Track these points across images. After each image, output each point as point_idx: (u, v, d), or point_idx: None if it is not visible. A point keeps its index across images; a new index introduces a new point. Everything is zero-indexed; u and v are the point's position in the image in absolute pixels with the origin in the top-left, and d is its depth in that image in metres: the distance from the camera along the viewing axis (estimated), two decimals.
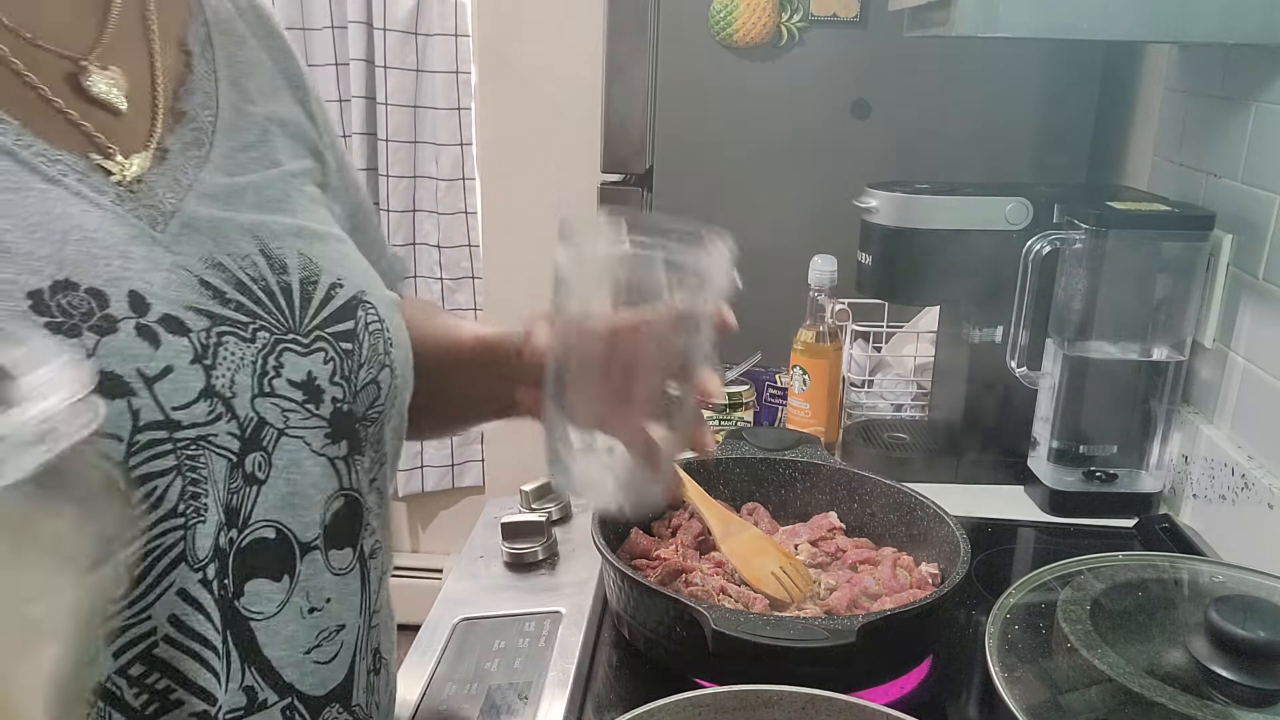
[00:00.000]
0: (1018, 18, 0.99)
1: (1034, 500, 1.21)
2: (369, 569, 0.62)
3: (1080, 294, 1.13)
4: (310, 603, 0.57)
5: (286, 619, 0.56)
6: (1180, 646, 0.69)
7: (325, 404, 0.57)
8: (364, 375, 0.60)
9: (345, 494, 0.59)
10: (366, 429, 0.61)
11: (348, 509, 0.60)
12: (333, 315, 0.59)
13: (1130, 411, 1.16)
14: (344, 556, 0.59)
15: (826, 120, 1.48)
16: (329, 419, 0.58)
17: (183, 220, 0.55)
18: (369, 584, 0.62)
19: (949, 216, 1.20)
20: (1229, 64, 1.14)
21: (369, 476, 0.62)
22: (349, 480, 0.60)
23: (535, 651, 0.86)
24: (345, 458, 0.59)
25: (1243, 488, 1.03)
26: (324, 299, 0.59)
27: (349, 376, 0.59)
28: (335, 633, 0.59)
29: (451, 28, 2.23)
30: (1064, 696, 0.69)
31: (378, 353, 0.61)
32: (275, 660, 0.55)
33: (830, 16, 1.43)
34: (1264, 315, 1.05)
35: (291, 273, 0.58)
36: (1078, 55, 1.44)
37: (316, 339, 0.58)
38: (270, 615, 0.55)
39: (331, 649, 0.59)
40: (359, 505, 0.61)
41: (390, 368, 0.62)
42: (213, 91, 0.61)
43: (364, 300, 0.61)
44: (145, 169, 0.55)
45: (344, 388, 0.59)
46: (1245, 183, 1.09)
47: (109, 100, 0.56)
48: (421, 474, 2.61)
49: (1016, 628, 0.75)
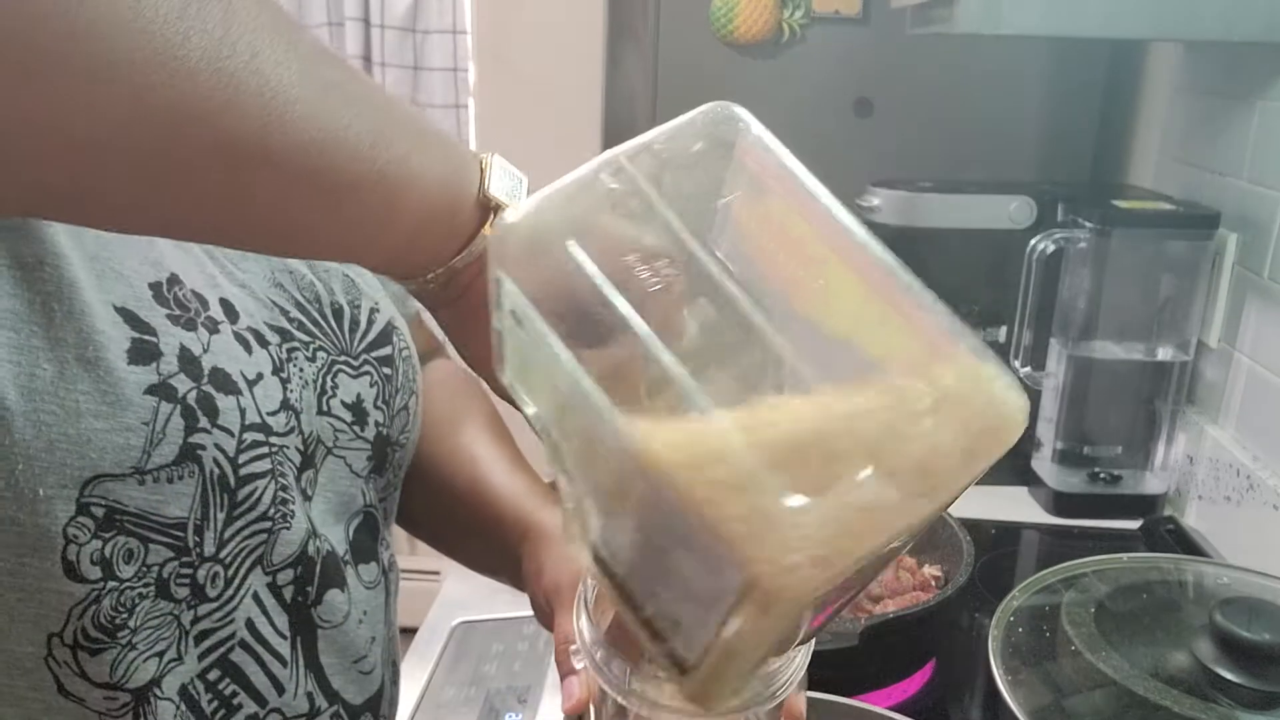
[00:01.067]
0: (1021, 15, 0.98)
1: (1038, 502, 1.20)
2: (389, 581, 0.63)
3: (1084, 293, 1.12)
4: (356, 615, 0.57)
5: (344, 630, 0.56)
6: (1185, 649, 0.68)
7: (369, 426, 0.58)
8: (399, 401, 0.60)
9: (365, 511, 0.59)
10: (395, 454, 0.61)
11: (366, 525, 0.60)
12: (376, 340, 0.59)
13: (1135, 412, 1.15)
14: (370, 570, 0.59)
15: (829, 118, 1.47)
16: (372, 441, 0.58)
17: None
18: (391, 597, 0.63)
19: (952, 215, 1.19)
20: (1234, 62, 1.13)
21: (381, 495, 0.62)
22: (368, 497, 0.60)
23: (534, 654, 0.86)
24: (371, 477, 0.60)
25: (1248, 489, 1.02)
26: (368, 322, 0.59)
27: (389, 401, 0.59)
28: (371, 643, 0.59)
29: (450, 24, 2.23)
30: (1068, 699, 0.68)
31: (409, 379, 0.61)
32: (328, 668, 0.55)
33: (832, 13, 1.43)
34: (1269, 315, 1.04)
35: (339, 294, 0.58)
36: (1082, 53, 1.44)
37: (364, 362, 0.58)
38: (338, 624, 0.55)
39: (372, 660, 0.59)
40: (375, 520, 0.61)
41: (417, 394, 0.63)
42: None
43: (395, 327, 0.62)
44: None
45: (384, 411, 0.59)
46: (1250, 181, 1.08)
47: None
48: None
49: (1020, 630, 0.74)
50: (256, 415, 0.49)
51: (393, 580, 0.63)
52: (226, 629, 0.49)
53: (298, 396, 0.53)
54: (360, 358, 0.58)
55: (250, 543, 0.49)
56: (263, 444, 0.50)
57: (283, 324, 0.54)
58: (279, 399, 0.51)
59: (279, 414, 0.51)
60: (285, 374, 0.52)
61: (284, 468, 0.51)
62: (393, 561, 0.64)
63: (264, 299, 0.54)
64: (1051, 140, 1.45)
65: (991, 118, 1.44)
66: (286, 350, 0.53)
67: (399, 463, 0.63)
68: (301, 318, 0.55)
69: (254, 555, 0.50)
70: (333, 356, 0.56)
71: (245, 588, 0.50)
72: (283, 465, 0.51)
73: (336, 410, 0.56)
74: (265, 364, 0.51)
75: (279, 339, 0.53)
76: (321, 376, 0.55)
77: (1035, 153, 1.45)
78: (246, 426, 0.48)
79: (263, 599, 0.51)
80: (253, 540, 0.49)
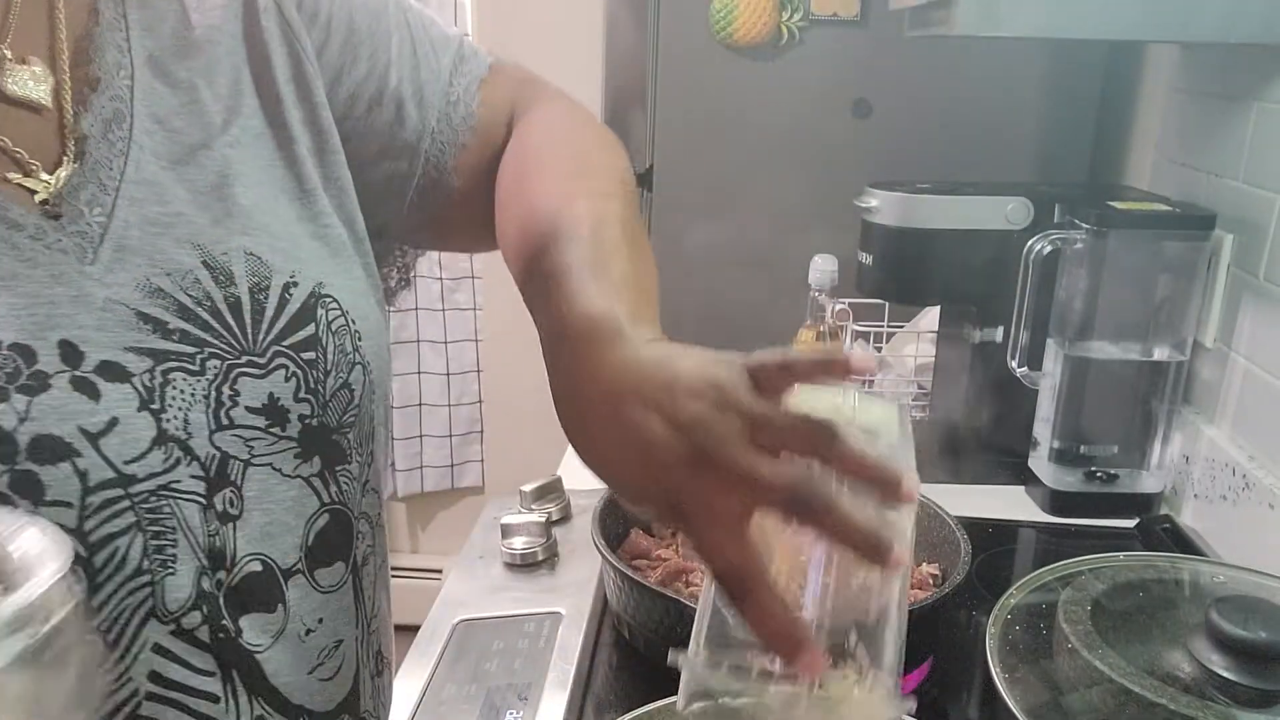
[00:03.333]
0: (1019, 17, 0.99)
1: (1035, 500, 1.20)
2: (361, 578, 0.60)
3: (1081, 294, 1.12)
4: (305, 625, 0.55)
5: (286, 646, 0.54)
6: (1181, 647, 0.68)
7: (292, 424, 0.53)
8: (332, 382, 0.55)
9: (330, 509, 0.56)
10: (346, 436, 0.57)
11: (334, 524, 0.57)
12: (290, 324, 0.54)
13: (1131, 412, 1.15)
14: (333, 573, 0.57)
15: (827, 120, 1.48)
16: (297, 438, 0.54)
17: (115, 243, 0.49)
18: (363, 593, 0.60)
19: (950, 216, 1.19)
20: (1230, 63, 1.13)
21: (360, 481, 0.59)
22: (332, 494, 0.56)
23: (535, 652, 0.86)
24: (322, 473, 0.56)
25: (1244, 488, 1.03)
26: (278, 306, 0.54)
27: (315, 389, 0.54)
28: (334, 649, 0.57)
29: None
30: (1065, 697, 0.69)
31: (345, 353, 0.56)
32: (284, 687, 0.54)
33: (831, 16, 1.43)
34: (1265, 315, 1.05)
35: (239, 282, 0.52)
36: (1079, 55, 1.44)
37: (274, 356, 0.53)
38: (269, 646, 0.53)
39: (333, 665, 0.57)
40: (347, 517, 0.58)
41: (362, 364, 0.57)
42: (125, 43, 0.53)
43: (322, 295, 0.56)
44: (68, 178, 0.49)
45: (311, 402, 0.54)
46: (1246, 182, 1.09)
47: (31, 98, 0.50)
48: (421, 474, 2.61)
49: (1017, 628, 0.75)
50: (107, 470, 0.46)
51: (367, 574, 0.61)
52: (124, 690, 0.48)
53: (181, 424, 0.49)
54: (269, 352, 0.53)
55: (130, 601, 0.47)
56: (119, 500, 0.47)
57: (155, 343, 0.49)
58: (149, 437, 0.48)
59: (150, 454, 0.48)
60: (158, 404, 0.48)
61: (161, 512, 0.48)
62: (370, 553, 0.61)
63: (131, 318, 0.49)
64: (1049, 141, 1.46)
65: (989, 119, 1.45)
66: (161, 374, 0.49)
67: (360, 441, 0.58)
68: (185, 326, 0.50)
69: (140, 611, 0.48)
70: (230, 361, 0.51)
71: (139, 644, 0.48)
72: (159, 510, 0.48)
73: (242, 420, 0.51)
74: (124, 404, 0.47)
75: (149, 363, 0.48)
76: (215, 388, 0.50)
77: (1032, 154, 1.45)
78: (91, 489, 0.45)
79: (168, 648, 0.49)
80: (134, 598, 0.48)
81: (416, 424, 2.56)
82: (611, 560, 0.85)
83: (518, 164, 0.66)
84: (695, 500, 0.45)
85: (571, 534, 1.07)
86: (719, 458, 0.44)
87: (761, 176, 1.50)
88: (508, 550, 1.01)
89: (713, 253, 1.52)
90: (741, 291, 1.52)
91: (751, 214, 1.50)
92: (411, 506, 2.70)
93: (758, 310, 1.48)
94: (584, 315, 0.49)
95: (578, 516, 1.10)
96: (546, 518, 1.05)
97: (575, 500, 1.11)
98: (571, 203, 0.58)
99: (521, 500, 1.10)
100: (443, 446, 2.58)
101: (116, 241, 0.50)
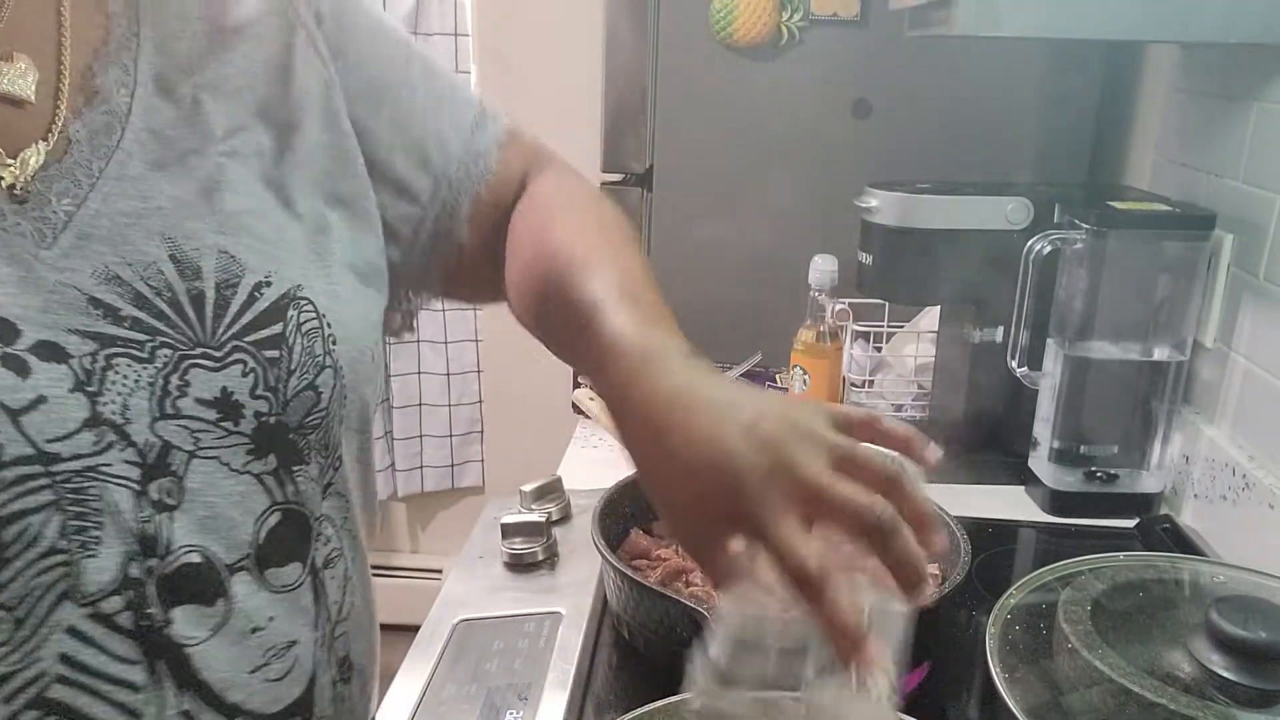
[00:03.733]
0: (1019, 17, 0.99)
1: (1035, 500, 1.20)
2: (323, 580, 0.59)
3: (1081, 294, 1.12)
4: (252, 623, 0.54)
5: (224, 642, 0.53)
6: (1181, 647, 0.69)
7: (246, 419, 0.54)
8: (295, 383, 0.56)
9: (283, 509, 0.56)
10: (306, 437, 0.57)
11: (288, 524, 0.56)
12: (255, 320, 0.54)
13: (1131, 412, 1.16)
14: (287, 573, 0.56)
15: (827, 120, 1.48)
16: (251, 435, 0.54)
17: (78, 230, 0.50)
18: (324, 596, 0.59)
19: (950, 216, 1.20)
20: (1230, 63, 1.13)
21: (320, 484, 0.59)
22: (286, 494, 0.56)
23: (535, 652, 0.86)
24: (277, 471, 0.56)
25: (1244, 488, 1.03)
26: (245, 303, 0.54)
27: (275, 387, 0.55)
28: (285, 649, 0.56)
29: (451, 27, 2.23)
30: (1065, 697, 0.69)
31: (314, 355, 0.56)
32: (216, 683, 0.53)
33: (831, 16, 1.43)
34: (1265, 315, 1.05)
35: (206, 277, 0.53)
36: (1079, 55, 1.44)
37: (233, 350, 0.53)
38: (203, 640, 0.52)
39: (283, 666, 0.56)
40: (304, 518, 0.58)
41: (334, 368, 0.57)
42: (132, 63, 0.55)
43: (298, 297, 0.56)
44: (39, 167, 0.50)
45: (270, 399, 0.54)
46: (1246, 182, 1.09)
47: (13, 93, 0.50)
48: (421, 474, 2.61)
49: (1017, 628, 0.75)
50: (26, 446, 0.46)
51: (332, 576, 0.60)
52: (31, 669, 0.48)
53: (119, 407, 0.49)
54: (227, 345, 0.53)
55: (43, 580, 0.47)
56: (37, 476, 0.47)
57: (103, 328, 0.50)
58: (80, 418, 0.48)
59: (78, 435, 0.48)
60: (95, 386, 0.49)
61: (87, 493, 0.48)
62: (337, 556, 0.60)
63: (81, 302, 0.49)
64: (1048, 141, 1.46)
65: (989, 119, 1.45)
66: (105, 358, 0.49)
67: (324, 445, 0.58)
68: (139, 314, 0.51)
69: (54, 591, 0.48)
70: (182, 351, 0.52)
71: (51, 624, 0.48)
72: (84, 491, 0.48)
73: (190, 410, 0.51)
74: (56, 383, 0.48)
75: (93, 346, 0.49)
76: (163, 377, 0.51)
77: (1032, 154, 1.45)
78: (5, 463, 0.46)
79: (84, 631, 0.49)
80: (45, 578, 0.48)
81: (416, 424, 2.56)
82: (611, 560, 0.85)
83: (535, 214, 0.70)
84: (772, 508, 0.49)
85: (571, 534, 1.07)
86: (801, 471, 0.49)
87: (761, 177, 1.50)
88: (508, 550, 1.01)
89: (713, 253, 1.52)
90: (741, 291, 1.52)
91: (751, 214, 1.50)
92: (411, 506, 2.70)
93: (758, 310, 1.48)
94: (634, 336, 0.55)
95: (578, 516, 1.10)
96: (546, 518, 1.05)
97: (575, 500, 1.12)
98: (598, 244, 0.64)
99: (521, 500, 1.10)
100: (443, 446, 2.58)
101: (81, 229, 0.51)
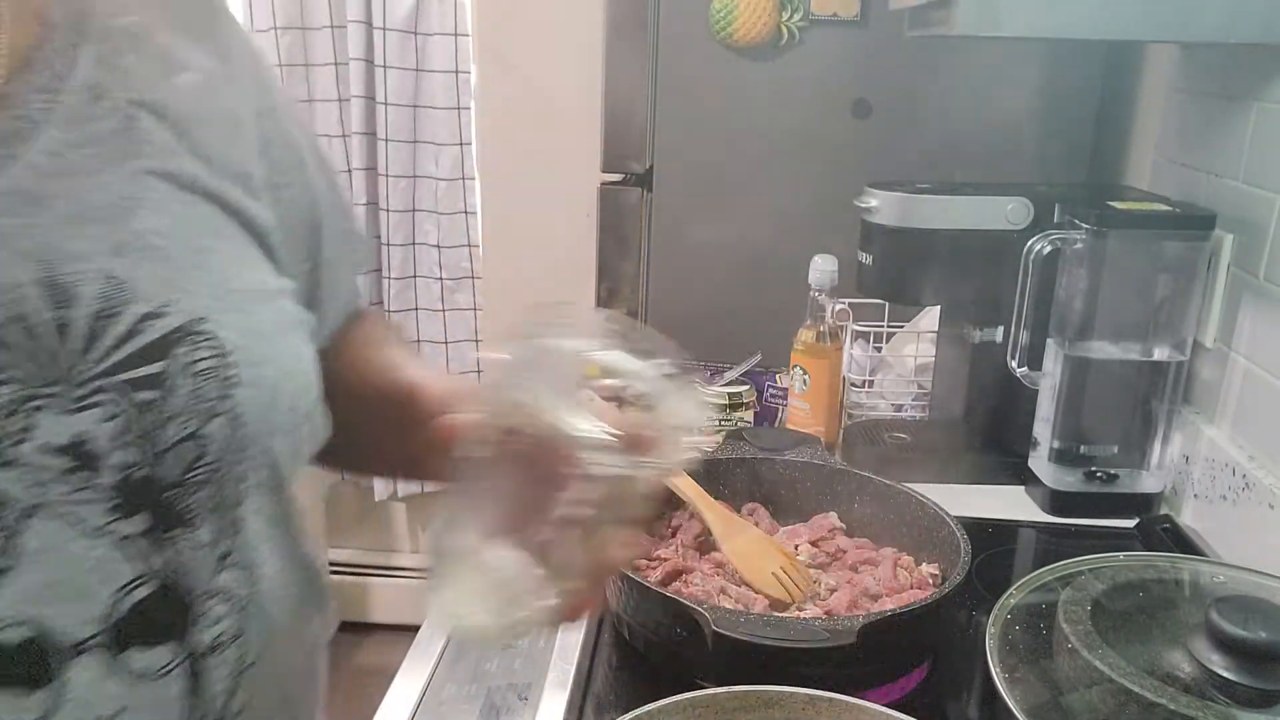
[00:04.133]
0: (1019, 17, 0.99)
1: (1035, 500, 1.20)
2: (204, 668, 0.51)
3: (1081, 294, 1.12)
4: (94, 712, 0.47)
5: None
6: (1181, 647, 0.69)
7: (107, 471, 0.47)
8: (174, 431, 0.48)
9: (153, 580, 0.49)
10: (190, 496, 0.50)
11: (160, 599, 0.49)
12: (132, 357, 0.47)
13: (1131, 412, 1.16)
14: (153, 656, 0.49)
15: (827, 120, 1.48)
16: (114, 489, 0.47)
17: None
18: (204, 688, 0.51)
19: (950, 216, 1.20)
20: (1230, 63, 1.13)
21: (213, 553, 0.51)
22: (158, 562, 0.49)
23: (535, 652, 0.86)
24: (148, 533, 0.48)
25: (1244, 488, 1.03)
26: (124, 335, 0.47)
27: (149, 433, 0.48)
28: None
29: (451, 27, 2.23)
30: (1065, 697, 0.69)
31: (203, 399, 0.49)
32: None
33: (831, 16, 1.43)
34: (1265, 315, 1.05)
35: (79, 305, 0.46)
36: (1079, 55, 1.44)
37: (97, 390, 0.46)
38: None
39: None
40: (183, 592, 0.50)
41: (229, 414, 0.50)
42: (66, 72, 0.49)
43: (195, 331, 0.49)
44: None
45: (140, 448, 0.48)
46: (1246, 183, 1.09)
47: None
48: None
49: (1017, 628, 0.75)
50: None
51: (221, 663, 0.52)
52: None
53: None
54: (90, 384, 0.46)
55: None
56: None
57: None
58: None
59: None
60: None
61: None
62: (226, 640, 0.52)
63: None
64: (1048, 141, 1.46)
65: (989, 119, 1.45)
66: None
67: (216, 505, 0.51)
68: None
69: None
70: (29, 390, 0.45)
71: None
72: None
73: (31, 458, 0.45)
74: None
75: None
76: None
77: (1032, 154, 1.46)
78: None
79: None
80: None
81: None
82: None
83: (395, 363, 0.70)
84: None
85: None
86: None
87: (761, 176, 1.50)
88: None
89: (713, 253, 1.52)
90: (741, 291, 1.52)
91: (751, 214, 1.50)
92: (412, 506, 2.70)
93: (758, 310, 1.48)
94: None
95: None
96: None
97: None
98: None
99: None
100: None
101: None
